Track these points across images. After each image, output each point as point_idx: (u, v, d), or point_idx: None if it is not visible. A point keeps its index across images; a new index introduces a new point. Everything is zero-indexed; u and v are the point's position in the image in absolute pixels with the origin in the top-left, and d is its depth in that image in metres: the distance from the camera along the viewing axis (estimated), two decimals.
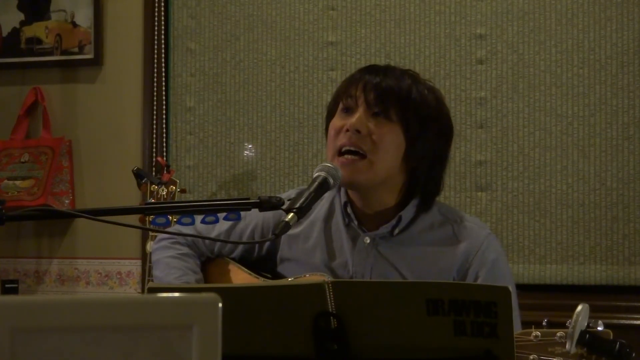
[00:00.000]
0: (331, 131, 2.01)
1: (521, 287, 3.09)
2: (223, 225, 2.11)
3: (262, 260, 2.13)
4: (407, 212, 2.02)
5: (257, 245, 2.12)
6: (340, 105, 2.02)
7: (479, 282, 1.95)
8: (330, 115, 2.06)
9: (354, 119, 1.97)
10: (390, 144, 1.96)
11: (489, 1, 3.22)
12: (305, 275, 1.99)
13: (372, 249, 2.01)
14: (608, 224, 3.10)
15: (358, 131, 1.95)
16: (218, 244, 2.13)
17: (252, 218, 2.11)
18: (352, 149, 1.96)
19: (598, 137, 3.12)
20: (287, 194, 2.03)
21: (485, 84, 3.22)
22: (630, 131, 3.10)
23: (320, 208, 2.08)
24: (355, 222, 2.03)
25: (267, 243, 2.10)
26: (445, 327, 1.44)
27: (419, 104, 1.99)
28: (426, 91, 2.02)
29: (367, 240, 2.02)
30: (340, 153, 1.97)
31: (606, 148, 3.11)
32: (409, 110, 1.97)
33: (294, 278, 2.01)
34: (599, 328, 1.59)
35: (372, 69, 2.03)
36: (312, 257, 2.05)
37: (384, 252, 2.01)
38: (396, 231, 2.01)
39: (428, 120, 1.99)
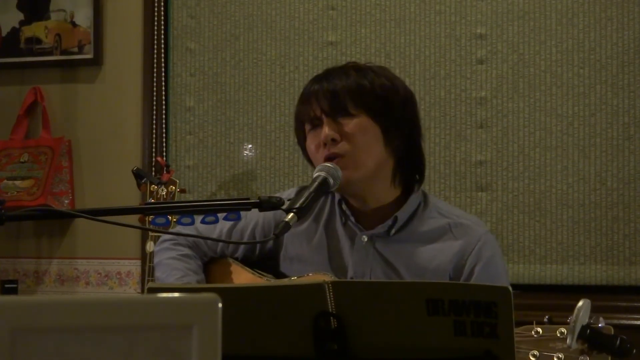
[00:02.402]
0: (311, 149, 2.03)
1: (521, 287, 3.11)
2: (224, 225, 2.11)
3: (265, 259, 2.14)
4: (404, 212, 2.02)
5: (258, 245, 2.12)
6: (307, 128, 2.04)
7: (474, 278, 1.96)
8: (300, 139, 2.08)
9: (323, 130, 1.98)
10: (365, 135, 1.98)
11: (489, 1, 3.22)
12: (308, 275, 2.00)
13: (370, 247, 2.02)
14: (608, 224, 3.10)
15: (333, 140, 1.97)
16: (220, 243, 2.14)
17: (253, 217, 2.12)
18: (332, 156, 1.98)
19: (598, 137, 3.12)
20: (287, 193, 2.04)
21: (485, 84, 3.22)
22: (631, 131, 3.10)
23: (322, 207, 2.09)
24: (352, 219, 2.04)
25: (269, 242, 2.10)
26: (445, 327, 1.44)
27: (372, 90, 2.00)
28: (373, 75, 2.03)
29: (365, 238, 2.02)
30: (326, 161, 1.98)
31: (607, 148, 3.11)
32: (365, 96, 1.99)
33: (297, 277, 2.01)
34: (600, 324, 1.59)
35: (316, 80, 2.05)
36: (315, 256, 2.06)
37: (381, 251, 2.02)
38: (392, 231, 2.02)
39: (388, 97, 2.01)
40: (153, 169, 3.43)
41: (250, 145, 3.43)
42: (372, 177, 2.00)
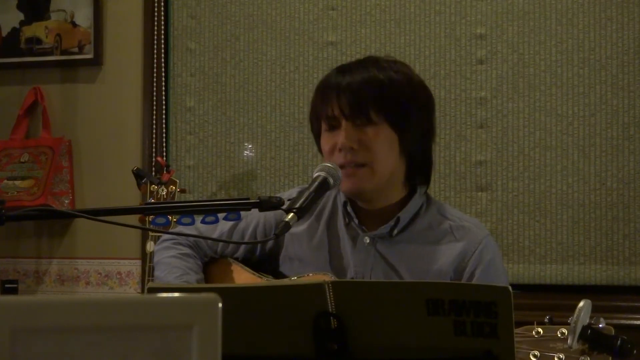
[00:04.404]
0: (325, 148, 2.02)
1: (521, 287, 3.11)
2: (225, 225, 2.11)
3: (265, 259, 2.14)
4: (406, 212, 2.03)
5: (258, 245, 2.12)
6: (324, 126, 2.02)
7: (474, 281, 1.96)
8: (315, 132, 2.07)
9: (341, 136, 1.97)
10: (384, 145, 1.98)
11: (489, 1, 3.22)
12: (308, 275, 1.99)
13: (372, 248, 2.02)
14: (608, 224, 3.10)
15: (351, 147, 1.96)
16: (220, 243, 2.14)
17: (253, 217, 2.12)
18: (350, 164, 1.97)
19: (598, 137, 3.12)
20: (288, 193, 2.03)
21: (485, 84, 3.22)
22: (631, 131, 3.10)
23: (324, 206, 2.09)
24: (356, 221, 2.04)
25: (270, 242, 2.10)
26: (445, 327, 1.43)
27: (393, 91, 1.98)
28: (393, 73, 2.00)
29: (367, 240, 2.02)
30: (341, 166, 1.97)
31: (606, 148, 3.11)
32: (387, 103, 1.97)
33: (298, 277, 2.01)
34: (601, 325, 1.59)
35: (338, 71, 2.02)
36: (316, 256, 2.05)
37: (382, 252, 2.02)
38: (395, 232, 2.02)
39: (407, 101, 2.00)
40: (153, 169, 3.43)
41: (250, 145, 3.43)
42: (385, 184, 2.00)
